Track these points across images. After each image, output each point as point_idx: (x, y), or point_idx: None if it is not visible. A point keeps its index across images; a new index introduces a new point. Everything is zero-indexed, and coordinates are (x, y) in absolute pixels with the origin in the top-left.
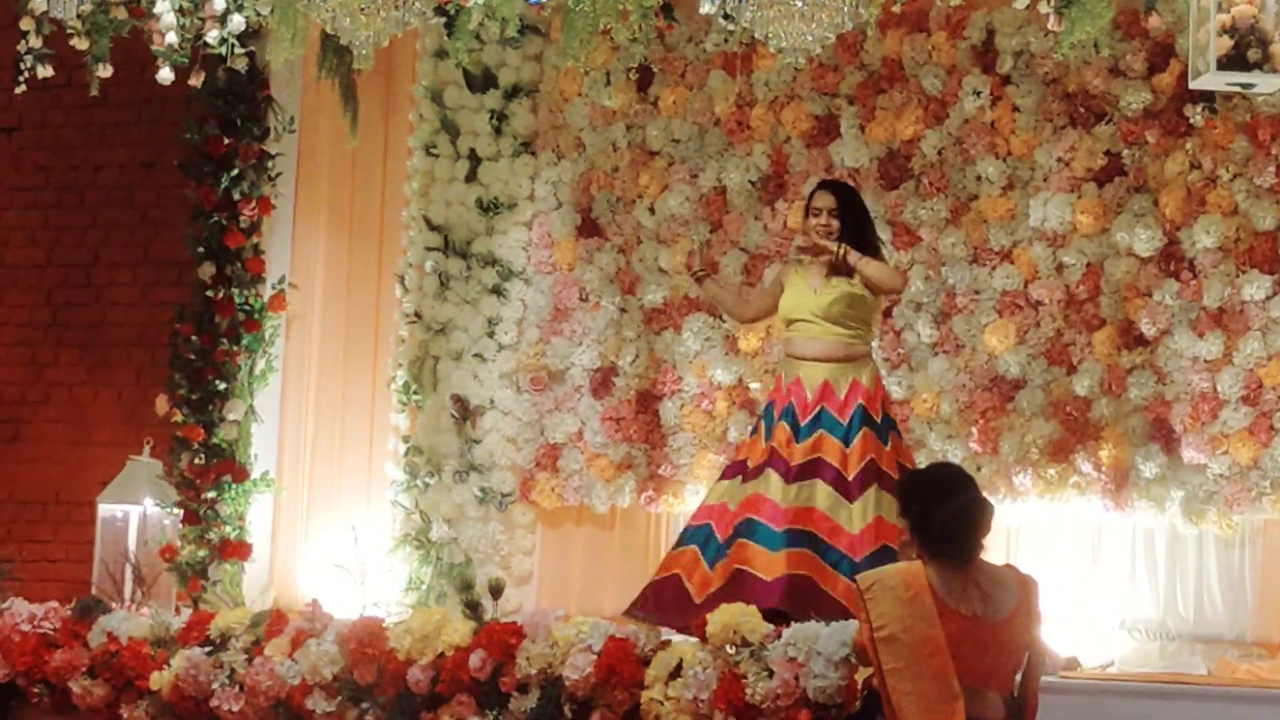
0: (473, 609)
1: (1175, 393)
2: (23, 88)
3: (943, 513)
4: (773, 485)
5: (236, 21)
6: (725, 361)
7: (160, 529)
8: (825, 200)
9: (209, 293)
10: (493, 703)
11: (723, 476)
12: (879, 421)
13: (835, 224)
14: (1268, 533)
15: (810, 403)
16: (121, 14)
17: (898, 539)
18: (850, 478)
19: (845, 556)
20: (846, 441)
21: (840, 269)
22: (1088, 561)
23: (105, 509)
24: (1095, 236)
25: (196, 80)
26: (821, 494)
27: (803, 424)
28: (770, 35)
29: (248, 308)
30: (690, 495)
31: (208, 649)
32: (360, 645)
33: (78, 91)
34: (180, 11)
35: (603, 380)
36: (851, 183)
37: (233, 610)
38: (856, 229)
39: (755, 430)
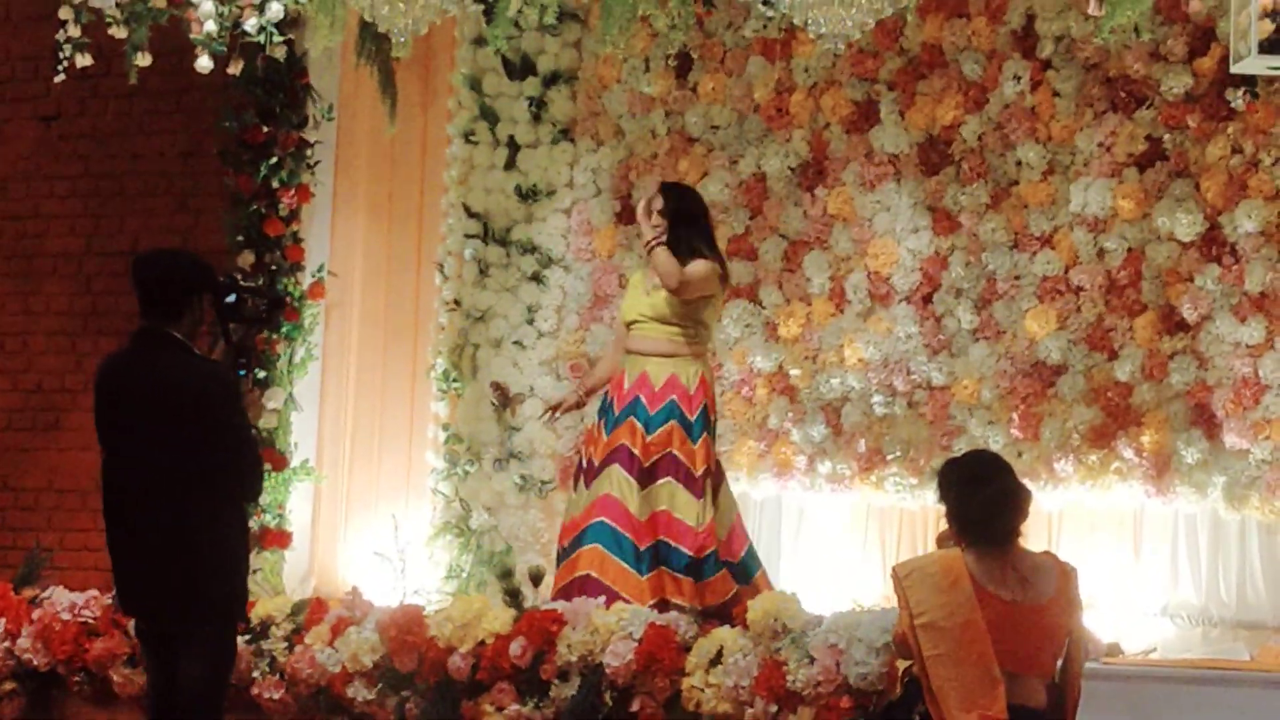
0: (513, 597)
1: (1217, 378)
2: (62, 76)
3: (979, 499)
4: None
5: (275, 9)
6: (765, 348)
7: None
8: (656, 201)
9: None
10: (533, 690)
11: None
12: (691, 420)
13: (664, 223)
14: None
15: (626, 393)
16: (160, 2)
17: (695, 541)
18: (647, 464)
19: (630, 541)
20: (649, 429)
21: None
22: (1129, 547)
23: None
24: (1136, 221)
25: (235, 68)
26: (617, 478)
27: (617, 413)
28: (810, 20)
29: (287, 296)
30: (730, 483)
31: (248, 637)
32: (400, 633)
33: (116, 80)
34: None
35: None
36: (891, 169)
37: (273, 598)
38: (683, 228)
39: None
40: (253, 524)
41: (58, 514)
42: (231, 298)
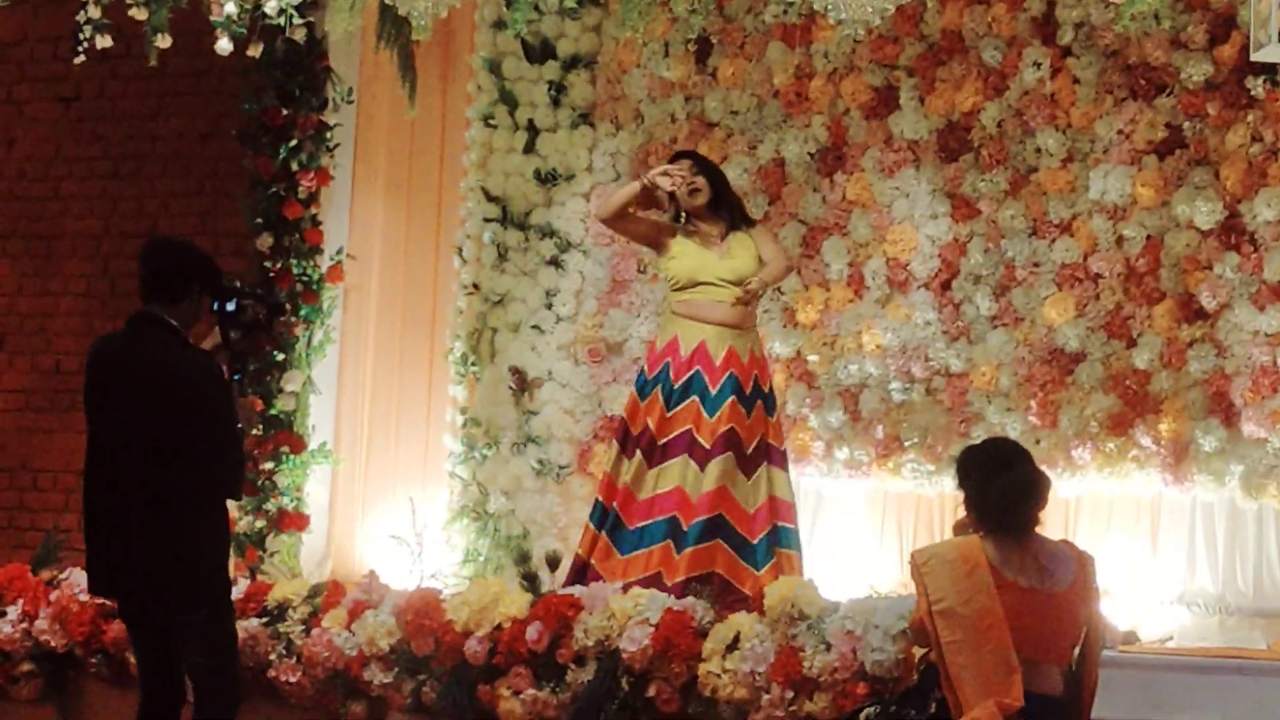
0: (530, 581)
1: (1235, 366)
2: (81, 58)
3: (998, 486)
4: (688, 474)
5: None
6: (783, 334)
7: None
8: (682, 163)
9: (267, 264)
10: (550, 675)
11: (623, 451)
12: (747, 394)
13: (700, 179)
14: None
15: (683, 364)
16: None
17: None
18: (709, 445)
19: (744, 539)
20: (711, 410)
21: (730, 230)
22: (1147, 535)
23: None
24: (1155, 209)
25: (255, 50)
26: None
27: (676, 386)
28: (830, 6)
29: (305, 279)
30: None
31: (265, 620)
32: (417, 617)
33: (136, 62)
34: None
35: None
36: (911, 155)
37: (290, 581)
38: (720, 186)
39: (646, 394)
40: (270, 506)
41: (75, 495)
42: (232, 305)
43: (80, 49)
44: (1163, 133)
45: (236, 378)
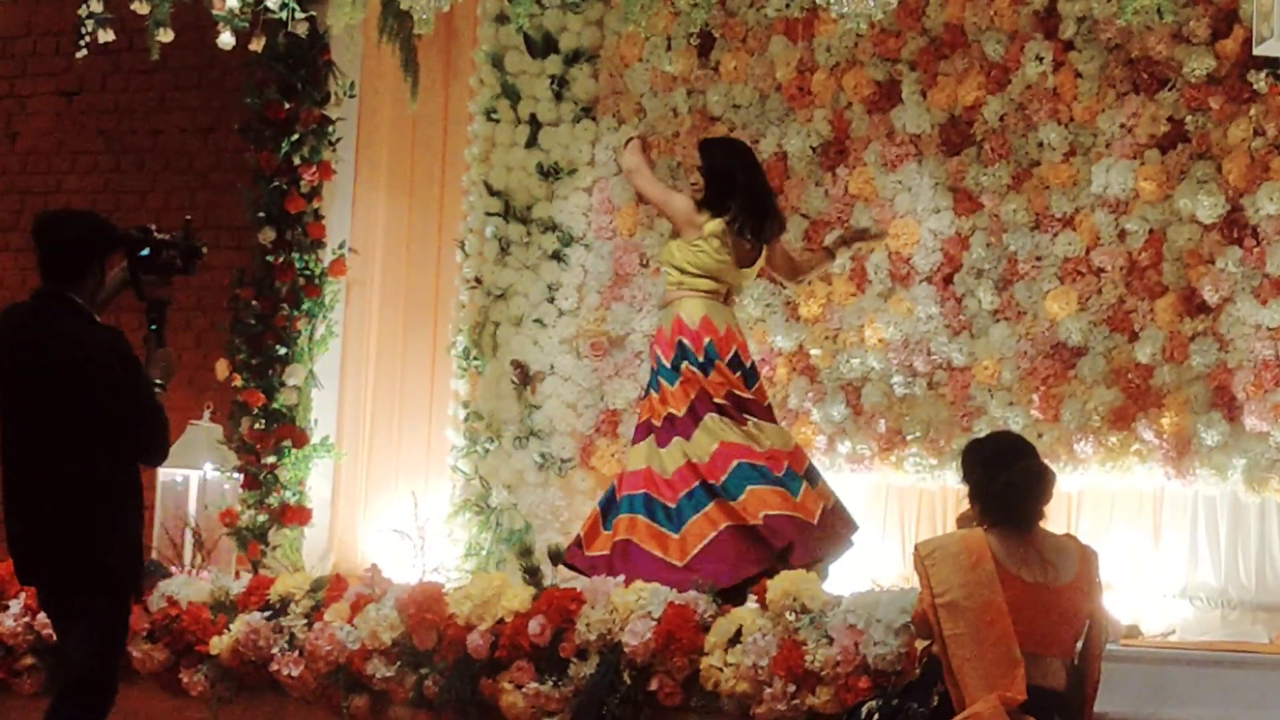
0: (532, 575)
1: (1238, 360)
2: (84, 51)
3: (1003, 480)
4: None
5: None
6: (786, 328)
7: (220, 494)
8: (697, 159)
9: (269, 258)
10: (552, 668)
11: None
12: (667, 365)
13: (701, 180)
14: None
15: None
16: None
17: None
18: (680, 414)
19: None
20: (670, 380)
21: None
22: (1149, 529)
23: (165, 474)
24: (1158, 203)
25: (257, 45)
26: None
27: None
28: (832, 0)
29: (308, 273)
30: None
31: (267, 614)
32: (419, 611)
33: (138, 55)
34: None
35: None
36: (913, 149)
37: (292, 575)
38: (715, 185)
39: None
40: (273, 500)
41: None
42: (146, 251)
43: (82, 43)
44: (1165, 127)
45: (154, 327)
